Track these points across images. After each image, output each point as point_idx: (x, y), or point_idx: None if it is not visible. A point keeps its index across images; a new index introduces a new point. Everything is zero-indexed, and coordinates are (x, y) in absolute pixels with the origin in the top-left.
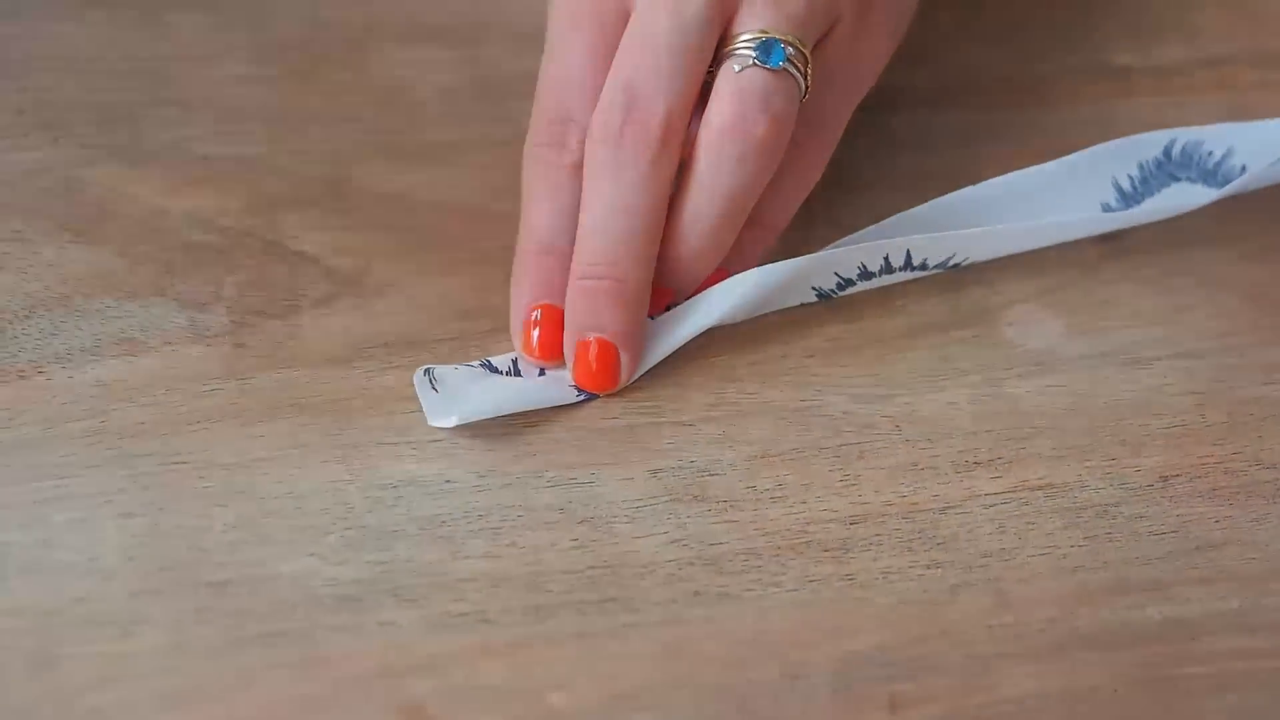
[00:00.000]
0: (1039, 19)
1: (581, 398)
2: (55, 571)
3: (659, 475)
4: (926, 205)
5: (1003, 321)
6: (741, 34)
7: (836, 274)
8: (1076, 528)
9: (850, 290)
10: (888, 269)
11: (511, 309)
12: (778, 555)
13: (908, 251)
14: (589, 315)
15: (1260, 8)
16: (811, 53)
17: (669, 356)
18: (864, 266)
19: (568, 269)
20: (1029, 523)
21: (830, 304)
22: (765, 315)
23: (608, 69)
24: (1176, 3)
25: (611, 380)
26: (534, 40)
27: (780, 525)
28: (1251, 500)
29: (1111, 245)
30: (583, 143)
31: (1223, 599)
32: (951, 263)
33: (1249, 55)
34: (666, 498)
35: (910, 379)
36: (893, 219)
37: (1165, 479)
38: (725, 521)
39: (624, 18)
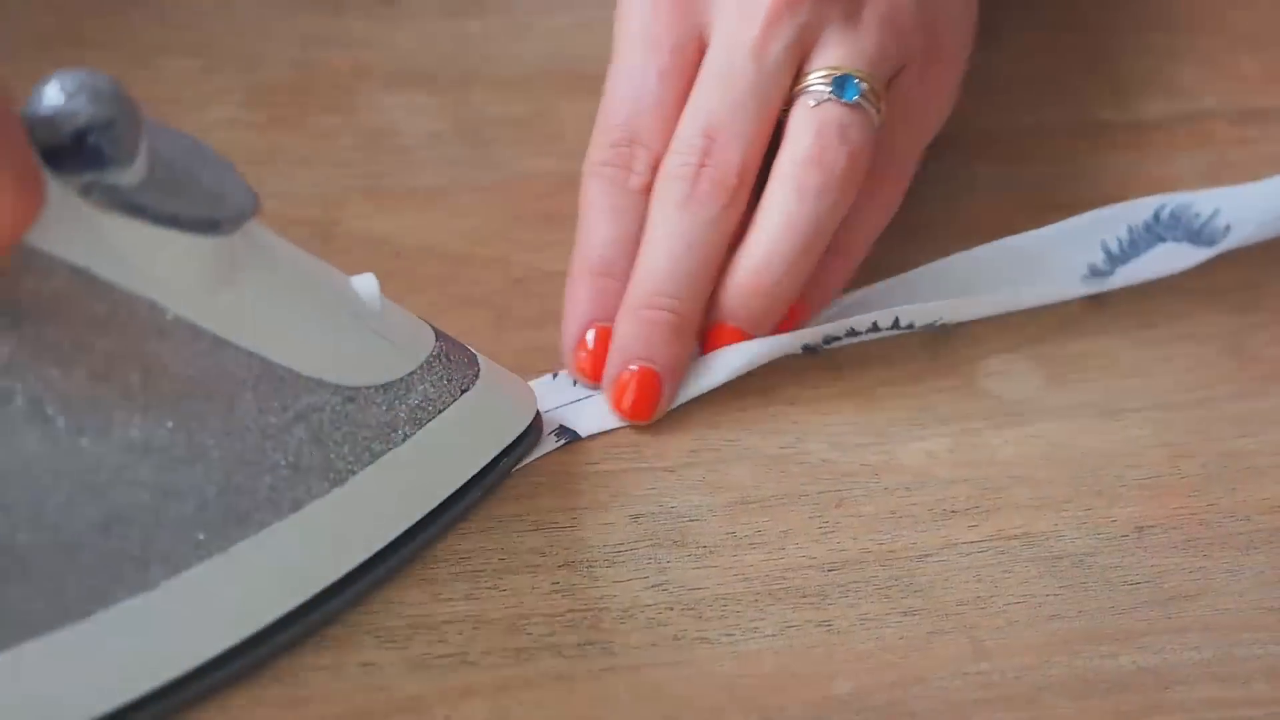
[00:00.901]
0: (1021, 74)
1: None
2: None
3: (639, 520)
4: (918, 270)
5: (982, 372)
6: (815, 71)
7: (825, 335)
8: (1052, 577)
9: (835, 344)
10: (874, 329)
11: (564, 326)
12: (756, 601)
13: (896, 317)
14: (642, 345)
15: (1239, 65)
16: (886, 90)
17: None
18: (853, 329)
19: (619, 289)
20: (1005, 571)
21: (813, 354)
22: None
23: (680, 95)
24: (1157, 59)
25: (650, 411)
26: (519, 88)
27: (759, 571)
28: (1225, 551)
29: (1091, 297)
30: (650, 167)
31: (1195, 649)
32: (938, 324)
33: (1228, 112)
34: (647, 543)
35: (890, 427)
36: (884, 284)
37: (1140, 529)
38: (705, 567)
39: (700, 47)
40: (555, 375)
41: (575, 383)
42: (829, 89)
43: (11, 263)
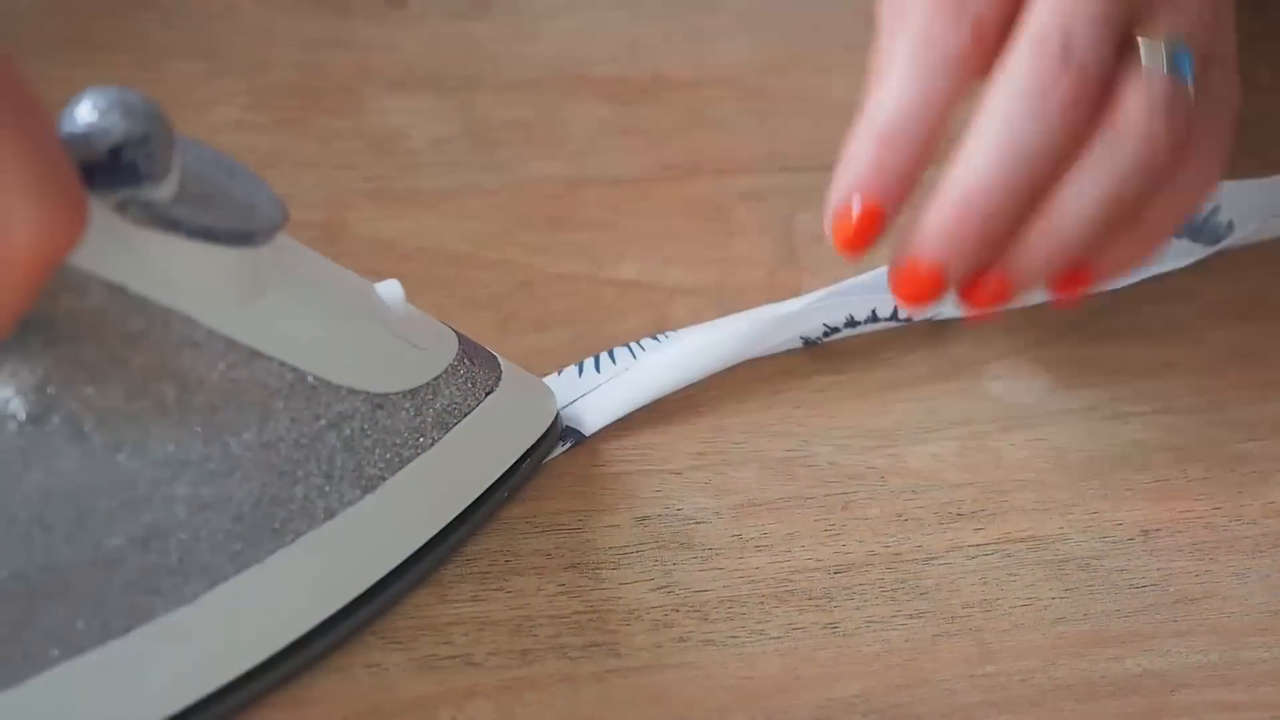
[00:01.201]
0: None
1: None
2: None
3: (645, 522)
4: None
5: (988, 375)
6: (1153, 32)
7: (824, 324)
8: (1058, 580)
9: (835, 336)
10: (873, 319)
11: (833, 184)
12: (762, 603)
13: (895, 306)
14: (943, 242)
15: (1246, 68)
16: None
17: (656, 403)
18: (851, 317)
19: (903, 163)
20: (1011, 574)
21: (817, 354)
22: (753, 365)
23: None
24: None
25: (924, 300)
26: (526, 91)
27: (765, 573)
28: (1231, 555)
29: (1096, 301)
30: (976, 33)
31: (1202, 652)
32: (938, 318)
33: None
34: (653, 545)
35: (896, 431)
36: (874, 273)
37: (1146, 533)
38: (710, 569)
39: None
40: (560, 373)
41: (580, 373)
42: (1167, 58)
43: (50, 282)
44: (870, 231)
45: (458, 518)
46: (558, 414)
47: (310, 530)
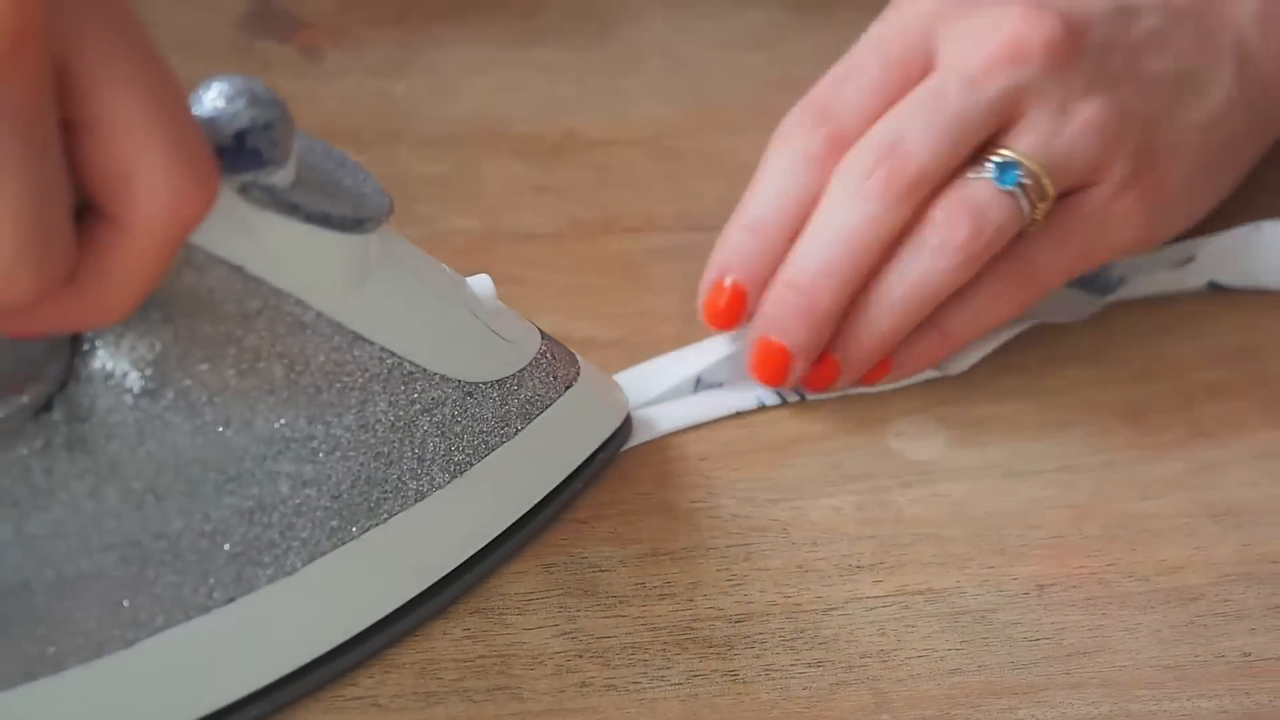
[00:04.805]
0: None
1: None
2: None
3: (551, 570)
4: None
5: (891, 432)
6: (1000, 149)
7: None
8: (954, 631)
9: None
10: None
11: (706, 269)
12: (664, 650)
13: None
14: (776, 322)
15: None
16: (1063, 198)
17: None
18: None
19: (766, 250)
20: (909, 625)
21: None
22: None
23: (886, 91)
24: None
25: (778, 380)
26: (443, 147)
27: (667, 621)
28: (1123, 610)
29: (997, 362)
30: (830, 141)
31: (1093, 704)
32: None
33: None
34: (558, 592)
35: (799, 484)
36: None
37: (1041, 587)
38: (614, 616)
39: (925, 66)
40: None
41: None
42: (993, 170)
43: (175, 259)
44: (737, 308)
45: (537, 506)
46: (629, 413)
47: (403, 510)
